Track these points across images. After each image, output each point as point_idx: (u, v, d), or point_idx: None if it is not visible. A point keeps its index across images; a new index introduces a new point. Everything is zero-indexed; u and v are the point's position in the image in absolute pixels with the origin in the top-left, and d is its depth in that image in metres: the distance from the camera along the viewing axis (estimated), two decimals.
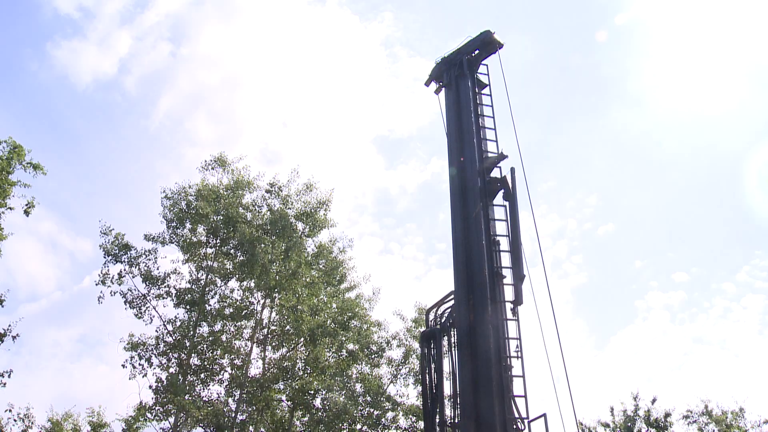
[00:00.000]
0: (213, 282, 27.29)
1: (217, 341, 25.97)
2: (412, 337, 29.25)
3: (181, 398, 23.45)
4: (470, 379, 9.75)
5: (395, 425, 29.37)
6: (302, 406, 27.41)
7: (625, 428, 32.52)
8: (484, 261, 10.58)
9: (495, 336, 10.00)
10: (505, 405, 9.51)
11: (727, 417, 32.02)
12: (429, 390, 10.39)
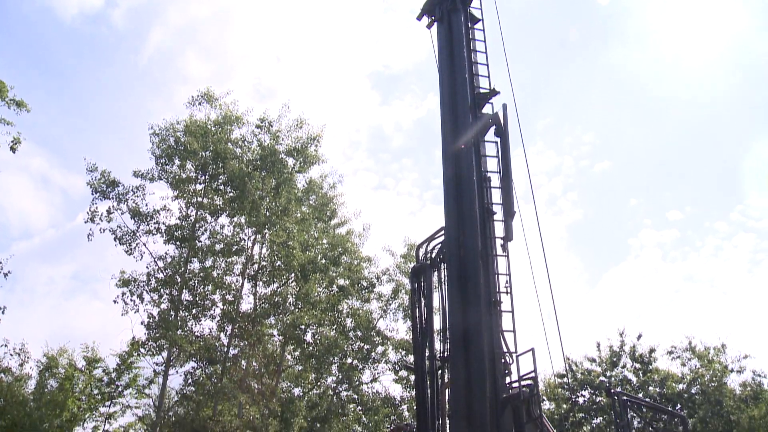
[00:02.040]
0: (203, 218, 27.28)
1: (208, 277, 26.13)
2: (402, 273, 29.57)
3: (174, 333, 23.75)
4: (459, 314, 9.88)
5: (385, 359, 29.98)
6: (293, 341, 27.87)
7: (611, 363, 33.32)
8: (474, 197, 10.58)
9: (485, 271, 10.09)
10: (494, 339, 9.67)
11: (709, 353, 32.84)
12: (419, 324, 10.53)
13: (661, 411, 14.01)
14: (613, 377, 32.48)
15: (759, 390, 33.45)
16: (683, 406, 30.67)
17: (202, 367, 26.31)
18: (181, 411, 25.79)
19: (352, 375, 29.19)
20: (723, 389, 31.97)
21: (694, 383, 32.40)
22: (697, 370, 32.67)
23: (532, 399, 9.28)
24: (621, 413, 10.64)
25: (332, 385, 30.21)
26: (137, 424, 28.67)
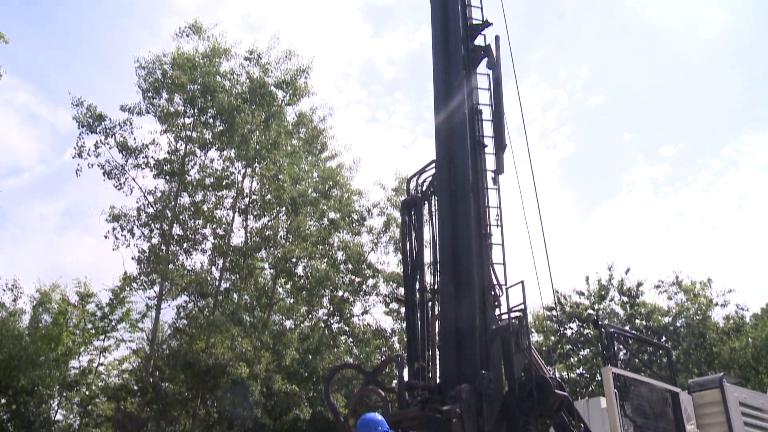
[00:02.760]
0: (192, 152, 27.07)
1: (199, 211, 26.11)
2: (393, 206, 29.60)
3: (165, 268, 23.85)
4: (450, 246, 9.88)
5: (376, 292, 30.29)
6: (285, 274, 28.06)
7: (599, 296, 33.77)
8: (466, 129, 10.45)
9: (475, 204, 10.04)
10: (484, 272, 9.70)
11: (695, 287, 33.32)
12: (409, 257, 10.53)
13: (647, 342, 14.24)
14: (600, 310, 32.99)
15: (741, 323, 34.15)
16: (668, 338, 31.27)
17: (194, 301, 26.55)
18: (175, 344, 26.14)
19: (343, 307, 29.53)
20: (707, 322, 32.60)
21: (679, 316, 32.98)
22: (683, 304, 33.21)
23: (521, 330, 9.35)
24: (607, 345, 10.75)
25: (323, 317, 30.61)
26: (131, 358, 29.09)
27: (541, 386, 8.76)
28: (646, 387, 10.62)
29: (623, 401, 9.86)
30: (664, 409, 10.78)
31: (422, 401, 8.54)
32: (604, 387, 9.91)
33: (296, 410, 23.39)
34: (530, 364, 9.05)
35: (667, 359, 12.48)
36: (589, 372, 32.35)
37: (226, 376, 22.27)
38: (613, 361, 10.41)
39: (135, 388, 25.20)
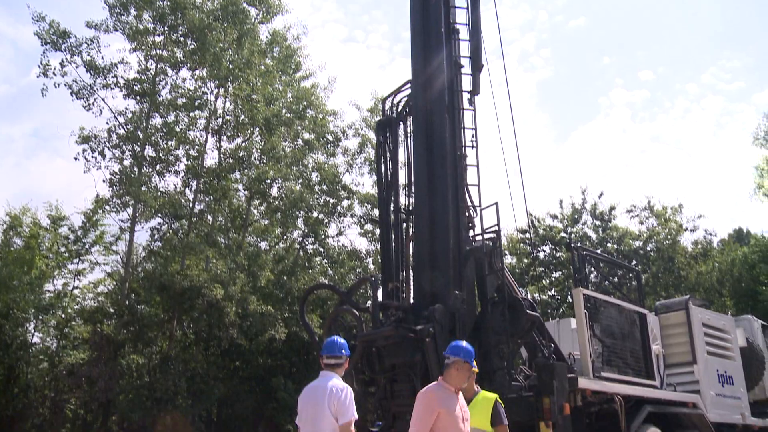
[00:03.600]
0: (163, 72, 26.33)
1: (171, 132, 25.63)
2: (368, 127, 29.31)
3: (138, 190, 23.55)
4: (425, 167, 9.81)
5: (351, 213, 30.31)
6: (259, 195, 27.91)
7: (572, 220, 34.13)
8: (442, 49, 10.23)
9: (451, 125, 9.94)
10: (459, 193, 9.68)
11: (666, 212, 33.79)
12: (384, 178, 10.46)
13: (617, 265, 14.46)
14: (573, 233, 33.43)
15: (708, 248, 34.92)
16: (638, 262, 31.90)
17: (168, 223, 26.39)
18: (150, 266, 26.09)
19: (318, 229, 29.54)
20: (676, 247, 33.25)
21: (649, 241, 33.56)
22: (654, 229, 33.75)
23: (494, 252, 9.41)
24: (579, 267, 10.87)
25: (298, 239, 30.66)
26: (107, 281, 29.06)
27: (513, 306, 8.88)
28: (615, 308, 10.81)
29: (593, 322, 10.04)
30: (632, 330, 11.02)
31: (396, 321, 8.63)
32: (575, 308, 10.06)
33: (272, 331, 23.63)
34: (503, 285, 9.14)
35: (636, 282, 12.70)
36: (561, 294, 33.05)
37: (201, 298, 22.36)
38: (584, 283, 10.54)
39: (111, 310, 25.24)
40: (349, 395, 5.69)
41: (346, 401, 5.64)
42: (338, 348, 6.05)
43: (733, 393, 12.44)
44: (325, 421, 5.64)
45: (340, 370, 5.99)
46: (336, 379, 5.87)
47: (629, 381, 10.21)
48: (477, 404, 6.37)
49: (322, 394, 5.76)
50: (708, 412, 11.25)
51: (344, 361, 6.02)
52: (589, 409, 9.24)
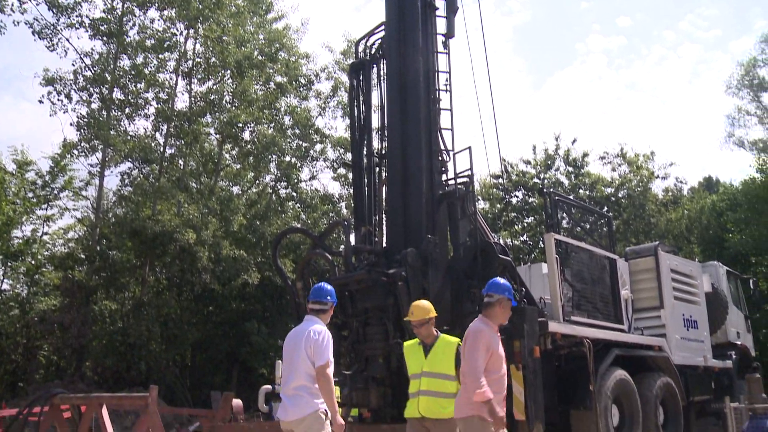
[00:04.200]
0: (130, 11, 25.45)
1: (140, 74, 24.98)
2: (341, 70, 28.86)
3: (106, 133, 23.03)
4: (398, 111, 9.70)
5: (323, 157, 30.07)
6: (231, 139, 27.51)
7: (545, 166, 34.24)
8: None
9: (425, 68, 9.80)
10: (432, 137, 9.60)
11: (638, 159, 34.03)
12: (357, 122, 10.34)
13: (589, 211, 14.52)
14: (546, 179, 33.59)
15: (679, 195, 35.40)
16: (610, 209, 32.22)
17: (139, 168, 25.96)
18: (120, 212, 25.75)
19: (291, 173, 29.25)
20: (647, 194, 33.62)
21: (621, 188, 33.86)
22: (626, 176, 34.03)
23: (467, 196, 9.39)
24: (551, 212, 10.91)
25: (271, 183, 30.41)
26: (77, 226, 28.67)
27: (485, 251, 8.91)
28: (586, 254, 10.92)
29: (564, 267, 10.14)
30: (602, 275, 11.16)
31: (368, 265, 8.64)
32: (546, 252, 10.15)
33: (245, 275, 23.59)
34: (475, 230, 9.15)
35: (607, 228, 12.81)
36: (533, 239, 33.35)
37: (173, 243, 22.18)
38: (556, 228, 10.60)
39: (82, 256, 24.95)
40: (326, 339, 5.72)
41: (322, 345, 5.67)
42: (324, 294, 6.07)
43: (697, 336, 12.75)
44: (302, 365, 5.69)
45: (325, 316, 6.00)
46: (317, 324, 5.89)
47: (598, 325, 10.39)
48: (440, 349, 6.46)
49: (300, 338, 5.80)
50: (673, 355, 11.54)
51: (329, 307, 6.04)
52: (558, 352, 9.40)
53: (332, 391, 5.55)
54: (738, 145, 33.46)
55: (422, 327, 6.46)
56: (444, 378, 6.31)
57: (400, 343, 8.13)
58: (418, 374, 6.33)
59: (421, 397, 6.24)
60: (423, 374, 6.31)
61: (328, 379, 5.54)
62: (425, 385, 6.27)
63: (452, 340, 6.55)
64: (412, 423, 6.27)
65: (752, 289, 17.36)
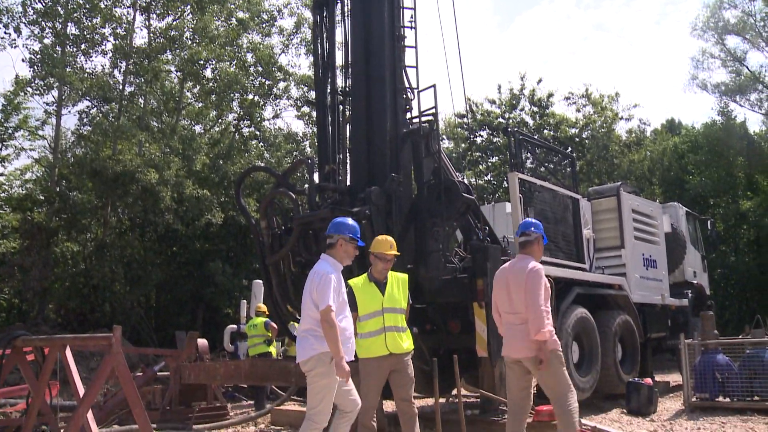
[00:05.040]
0: None
1: (96, 8, 24.04)
2: (304, 6, 28.20)
3: (62, 71, 22.25)
4: (362, 48, 9.51)
5: (287, 95, 29.60)
6: (192, 77, 26.86)
7: (510, 105, 34.20)
8: None
9: (389, 4, 9.57)
10: (396, 74, 9.46)
11: (603, 100, 34.12)
12: (321, 59, 10.10)
13: (553, 151, 14.55)
14: (511, 119, 33.61)
15: (642, 137, 35.73)
16: (574, 149, 32.43)
17: (98, 106, 25.26)
18: (80, 152, 25.17)
19: (254, 111, 28.77)
20: (611, 135, 33.87)
21: (585, 128, 34.05)
22: (590, 116, 34.17)
23: (431, 134, 9.32)
24: (515, 152, 10.88)
25: (233, 121, 29.90)
26: (34, 167, 27.98)
27: (449, 189, 8.89)
28: (549, 193, 10.98)
29: (527, 206, 10.18)
30: (565, 215, 11.26)
31: (332, 203, 8.57)
32: (510, 191, 10.17)
33: (208, 215, 23.35)
34: (439, 168, 9.12)
35: (571, 168, 12.88)
36: (497, 179, 33.52)
37: (135, 183, 21.82)
38: (519, 168, 10.60)
39: (41, 198, 24.47)
40: (325, 281, 5.52)
41: (323, 287, 5.48)
42: (334, 226, 5.94)
43: (656, 276, 13.02)
44: (308, 309, 5.61)
45: (333, 251, 5.83)
46: (322, 263, 5.78)
47: (560, 264, 10.52)
48: (395, 285, 6.50)
49: (309, 280, 5.71)
50: (632, 294, 11.79)
51: (336, 241, 5.83)
52: None
53: (335, 336, 5.35)
54: (701, 88, 33.60)
55: (390, 262, 6.46)
56: (401, 312, 6.40)
57: None
58: (378, 311, 6.31)
59: (387, 334, 6.27)
60: (384, 310, 6.32)
61: (329, 324, 5.37)
62: (389, 321, 6.30)
63: (401, 275, 6.65)
64: (378, 361, 6.23)
65: (710, 230, 17.71)
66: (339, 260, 5.83)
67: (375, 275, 6.45)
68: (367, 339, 6.25)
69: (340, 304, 5.58)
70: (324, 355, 5.44)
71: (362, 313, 6.24)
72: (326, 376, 5.45)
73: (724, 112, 31.83)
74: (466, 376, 8.49)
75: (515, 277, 5.95)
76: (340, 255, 5.83)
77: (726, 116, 31.68)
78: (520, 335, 5.84)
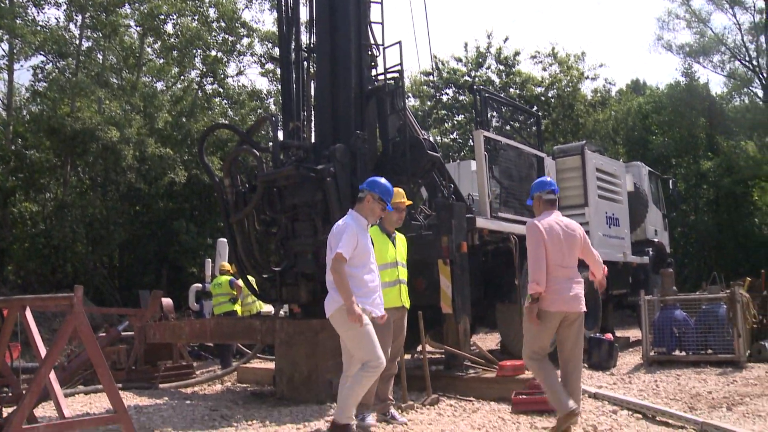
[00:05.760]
0: None
1: None
2: None
3: (11, 22, 21.34)
4: (327, 3, 9.30)
5: (251, 51, 29.05)
6: (152, 32, 26.16)
7: (476, 63, 34.05)
8: None
9: None
10: (361, 31, 9.30)
11: (569, 59, 34.13)
12: (285, 15, 9.88)
13: (519, 109, 14.58)
14: (477, 77, 33.49)
15: (607, 96, 35.95)
16: (539, 108, 32.51)
17: (53, 62, 24.45)
18: (36, 109, 24.44)
19: (217, 68, 28.18)
20: (576, 94, 33.99)
21: (551, 87, 34.09)
22: (556, 75, 34.20)
23: (396, 91, 9.23)
24: (481, 109, 10.88)
25: (196, 78, 29.25)
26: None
27: (414, 147, 8.85)
28: (514, 151, 11.01)
29: (492, 164, 10.21)
30: (529, 173, 11.31)
31: (297, 161, 8.47)
32: (475, 149, 10.17)
33: (171, 174, 22.97)
34: (404, 126, 9.06)
35: (536, 127, 12.92)
36: (463, 137, 33.53)
37: (95, 141, 21.31)
38: (485, 126, 10.60)
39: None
40: (341, 230, 5.63)
41: (336, 236, 5.60)
42: (367, 183, 6.05)
43: (618, 234, 13.22)
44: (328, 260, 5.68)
45: (360, 206, 5.92)
46: (346, 216, 5.90)
47: (524, 221, 10.59)
48: (400, 240, 6.70)
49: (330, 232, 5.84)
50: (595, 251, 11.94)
51: (364, 196, 5.92)
52: (485, 247, 9.59)
53: (343, 283, 5.41)
54: (666, 49, 33.79)
55: (404, 212, 6.63)
56: (405, 268, 6.60)
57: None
58: (393, 263, 6.41)
59: (401, 286, 6.43)
60: (398, 263, 6.46)
61: (335, 271, 5.46)
62: (402, 274, 6.48)
63: (401, 235, 6.86)
64: (391, 312, 6.18)
65: (671, 189, 17.99)
66: (364, 216, 5.88)
67: (387, 227, 6.53)
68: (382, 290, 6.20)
69: (362, 256, 5.64)
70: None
71: (378, 263, 6.15)
72: (354, 326, 5.44)
73: (688, 73, 32.13)
74: (430, 332, 8.57)
75: (567, 233, 5.94)
76: (366, 211, 5.89)
77: (689, 77, 31.99)
78: (577, 288, 5.88)
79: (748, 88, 32.25)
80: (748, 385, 8.20)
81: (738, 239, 27.92)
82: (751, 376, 8.96)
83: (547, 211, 6.05)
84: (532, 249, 5.83)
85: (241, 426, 6.49)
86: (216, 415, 7.20)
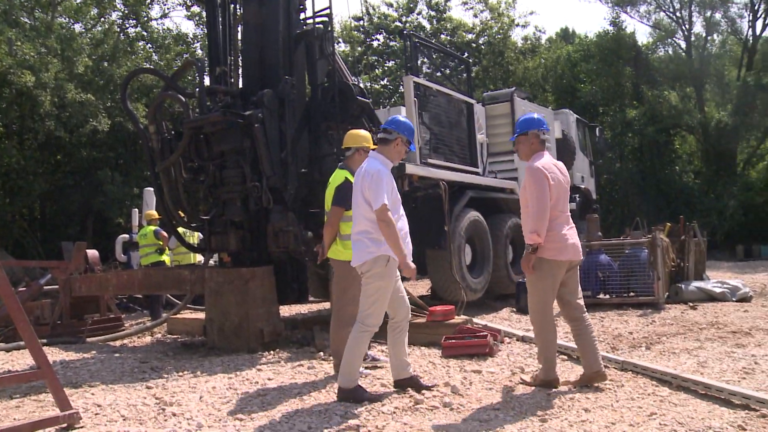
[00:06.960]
0: None
1: None
2: None
3: None
4: None
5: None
6: None
7: (407, 9, 33.72)
8: None
9: None
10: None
11: (500, 6, 34.15)
12: None
13: (449, 56, 14.51)
14: (408, 23, 33.23)
15: (537, 44, 36.26)
16: (470, 55, 32.55)
17: None
18: None
19: (140, 10, 27.03)
20: (507, 42, 34.15)
21: (482, 34, 34.13)
22: (487, 22, 34.23)
23: (325, 36, 9.04)
24: (411, 55, 10.77)
25: (118, 21, 28.00)
26: None
27: (344, 92, 8.73)
28: (444, 98, 11.02)
29: (422, 110, 10.20)
30: (459, 119, 11.37)
31: (224, 106, 8.26)
32: (405, 95, 10.13)
33: (93, 121, 22.06)
34: (333, 71, 8.91)
35: (466, 74, 12.91)
36: (393, 84, 33.40)
37: (8, 86, 20.28)
38: (415, 72, 10.53)
39: None
40: (377, 178, 5.16)
41: (374, 185, 5.14)
42: (395, 123, 5.48)
43: None
44: (360, 208, 5.27)
45: (387, 148, 5.43)
46: (372, 161, 5.37)
47: (454, 168, 10.68)
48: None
49: (358, 179, 5.36)
50: None
51: (394, 138, 5.41)
52: (415, 193, 9.63)
53: (394, 234, 5.06)
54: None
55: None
56: None
57: (257, 186, 7.99)
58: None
59: None
60: None
61: (387, 222, 5.06)
62: None
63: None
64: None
65: (598, 137, 18.36)
66: (390, 159, 5.45)
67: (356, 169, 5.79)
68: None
69: (393, 202, 5.25)
70: (381, 258, 5.17)
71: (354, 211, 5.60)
72: (382, 278, 5.20)
73: (615, 22, 32.58)
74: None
75: (565, 177, 5.56)
76: (393, 154, 5.46)
77: (617, 27, 32.48)
78: (576, 234, 5.56)
79: (672, 39, 33.01)
80: (665, 325, 8.59)
81: (660, 186, 28.93)
82: (668, 316, 9.39)
83: (540, 152, 5.54)
84: (537, 196, 5.30)
85: (172, 377, 6.41)
86: (146, 367, 7.10)
